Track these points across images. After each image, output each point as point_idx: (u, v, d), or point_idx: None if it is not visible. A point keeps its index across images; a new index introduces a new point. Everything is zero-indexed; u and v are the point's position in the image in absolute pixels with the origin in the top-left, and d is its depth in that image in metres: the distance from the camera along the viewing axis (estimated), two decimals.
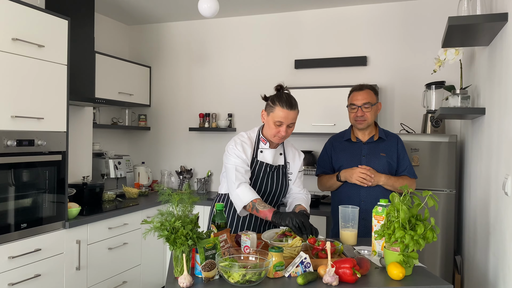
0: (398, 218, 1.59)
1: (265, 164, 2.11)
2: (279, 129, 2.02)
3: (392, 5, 3.59)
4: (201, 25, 4.25)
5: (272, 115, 2.02)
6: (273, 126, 2.03)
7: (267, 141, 2.12)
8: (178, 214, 1.59)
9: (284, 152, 2.21)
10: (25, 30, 2.38)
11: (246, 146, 2.09)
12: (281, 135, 2.03)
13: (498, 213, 1.84)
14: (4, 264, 2.26)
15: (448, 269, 2.96)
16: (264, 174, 2.11)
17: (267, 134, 2.10)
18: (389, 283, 1.53)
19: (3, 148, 2.27)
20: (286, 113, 1.98)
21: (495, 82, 1.94)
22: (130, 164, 4.01)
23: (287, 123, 2.01)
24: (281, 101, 2.00)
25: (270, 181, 2.13)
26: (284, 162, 2.19)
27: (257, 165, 2.11)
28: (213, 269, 1.51)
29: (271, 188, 2.14)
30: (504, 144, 1.74)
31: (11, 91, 2.31)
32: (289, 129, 2.04)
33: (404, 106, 3.56)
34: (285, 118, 1.99)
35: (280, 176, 2.16)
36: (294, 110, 2.01)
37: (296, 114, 2.03)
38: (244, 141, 2.10)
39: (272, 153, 2.13)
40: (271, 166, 2.13)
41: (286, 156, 2.21)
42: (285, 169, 2.19)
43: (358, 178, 2.27)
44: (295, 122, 2.06)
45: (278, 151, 2.18)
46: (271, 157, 2.13)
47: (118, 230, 3.10)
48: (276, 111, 2.00)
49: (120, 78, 3.82)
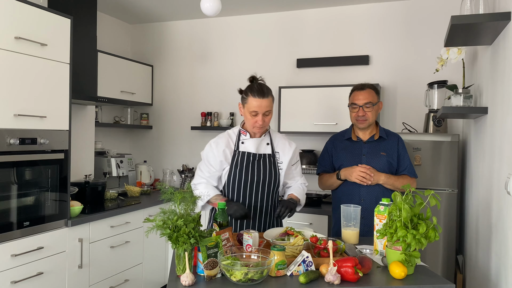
0: (400, 217, 1.59)
1: (248, 154, 2.15)
2: (255, 119, 2.07)
3: (395, 4, 3.59)
4: (203, 24, 4.25)
5: (246, 106, 2.08)
6: (250, 116, 2.08)
7: (247, 132, 2.17)
8: (180, 212, 1.60)
9: (272, 142, 2.22)
10: (28, 28, 2.38)
11: (221, 144, 2.17)
12: (258, 124, 2.07)
13: (500, 212, 1.83)
14: (6, 262, 2.27)
15: (450, 268, 2.96)
16: (248, 163, 2.14)
17: (247, 125, 2.16)
18: (391, 282, 1.53)
19: (6, 147, 2.28)
20: (259, 102, 2.03)
21: (498, 81, 1.94)
22: (132, 163, 4.02)
23: (262, 112, 2.05)
24: (253, 91, 2.05)
25: (256, 169, 2.15)
26: (272, 152, 2.21)
27: (239, 156, 2.15)
28: (215, 268, 1.52)
29: (259, 176, 2.15)
30: (506, 144, 1.73)
31: (14, 89, 2.31)
32: (266, 117, 2.08)
33: (406, 105, 3.55)
34: (259, 107, 2.03)
35: (267, 165, 2.17)
36: (267, 98, 2.05)
37: (269, 102, 2.06)
38: (217, 143, 2.18)
39: (255, 142, 2.16)
40: (255, 155, 2.16)
41: (275, 146, 2.22)
42: (274, 158, 2.20)
43: (357, 176, 2.27)
44: (272, 110, 2.10)
45: (264, 141, 2.20)
46: (254, 146, 2.16)
47: (120, 229, 3.10)
48: (249, 101, 2.06)
49: (122, 77, 3.83)
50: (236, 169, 2.14)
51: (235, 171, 2.15)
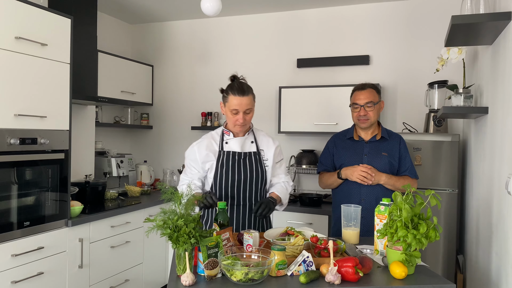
0: (400, 217, 1.59)
1: (233, 153, 2.16)
2: (236, 117, 2.08)
3: (395, 4, 3.59)
4: (203, 24, 4.25)
5: (227, 104, 2.09)
6: (231, 115, 2.09)
7: (230, 132, 2.18)
8: (180, 212, 1.60)
9: (256, 140, 2.23)
10: (28, 28, 2.38)
11: (202, 146, 2.18)
12: (239, 122, 2.08)
13: (500, 212, 1.83)
14: (7, 262, 2.27)
15: (450, 268, 2.95)
16: (234, 162, 2.15)
17: (228, 124, 2.18)
18: (392, 282, 1.53)
19: (6, 147, 2.28)
20: (239, 100, 2.04)
21: (498, 81, 1.94)
22: (132, 163, 4.02)
23: (242, 110, 2.06)
24: (233, 89, 2.07)
25: (242, 168, 2.15)
26: (257, 149, 2.22)
27: (224, 156, 2.16)
28: (216, 268, 1.52)
29: (245, 175, 2.15)
30: (507, 144, 1.73)
31: (14, 89, 2.31)
32: (247, 115, 2.09)
33: (406, 105, 3.55)
34: (239, 105, 2.05)
35: (253, 163, 2.18)
36: (247, 96, 2.06)
37: (250, 100, 2.07)
38: (199, 145, 2.19)
39: (239, 141, 2.17)
40: (240, 154, 2.16)
41: (259, 144, 2.23)
42: (259, 156, 2.21)
43: (358, 176, 2.27)
44: (253, 109, 2.12)
45: (248, 139, 2.21)
46: (239, 145, 2.17)
47: (121, 229, 3.10)
48: (229, 100, 2.07)
49: (123, 77, 3.83)
50: (222, 169, 2.14)
51: (221, 171, 2.14)
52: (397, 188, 2.27)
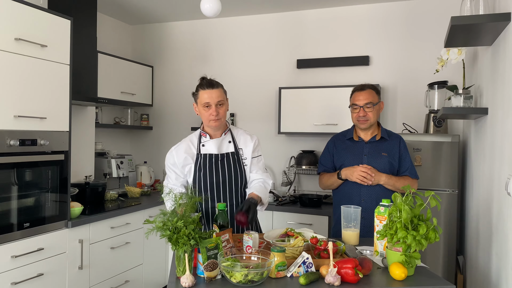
0: (400, 218, 1.59)
1: (209, 155, 2.15)
2: (209, 112, 2.07)
3: (395, 5, 3.59)
4: (203, 25, 4.25)
5: (199, 101, 2.10)
6: (204, 111, 2.09)
7: (206, 133, 2.18)
8: (180, 214, 1.59)
9: (234, 139, 2.22)
10: (28, 30, 2.38)
11: (180, 149, 2.18)
12: (213, 116, 2.07)
13: (500, 213, 1.83)
14: (7, 263, 2.27)
15: (450, 269, 2.95)
16: (211, 164, 2.14)
17: (205, 123, 2.16)
18: (391, 283, 1.53)
19: (6, 148, 2.28)
20: (209, 93, 2.06)
21: (498, 82, 1.94)
22: (132, 164, 4.02)
23: (214, 103, 2.06)
24: (202, 85, 2.10)
25: (221, 170, 2.14)
26: (235, 149, 2.20)
27: (201, 159, 2.15)
28: (215, 269, 1.52)
29: (224, 176, 2.14)
30: (507, 144, 1.73)
31: (14, 91, 2.32)
32: (220, 108, 2.08)
33: (406, 106, 3.55)
34: (210, 97, 2.05)
35: (231, 163, 2.16)
36: (216, 88, 2.08)
37: (220, 92, 2.08)
38: (177, 149, 2.19)
39: (216, 143, 2.16)
40: (217, 156, 2.15)
41: (237, 143, 2.22)
42: (237, 155, 2.19)
43: (358, 176, 2.27)
44: (225, 103, 2.12)
45: (225, 140, 2.19)
46: (215, 147, 2.16)
47: (121, 230, 3.10)
48: (200, 95, 2.09)
49: (123, 78, 3.83)
50: (200, 173, 2.14)
51: (199, 174, 2.14)
52: (397, 189, 2.27)
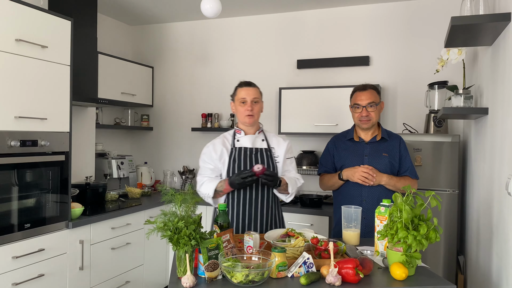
0: (401, 219, 1.59)
1: (244, 148, 2.28)
2: (245, 107, 2.24)
3: (395, 5, 3.59)
4: (203, 26, 4.25)
5: (236, 98, 2.29)
6: (240, 107, 2.26)
7: (241, 130, 2.31)
8: (181, 214, 1.60)
9: (267, 139, 2.34)
10: (28, 31, 2.38)
11: (217, 143, 2.31)
12: (248, 111, 2.23)
13: (501, 213, 1.83)
14: (8, 264, 2.27)
15: (451, 269, 2.95)
16: (246, 156, 2.26)
17: (240, 119, 2.31)
18: (392, 283, 1.53)
19: (6, 149, 2.28)
20: (246, 90, 2.25)
21: (498, 82, 1.94)
22: (132, 164, 4.02)
23: (250, 99, 2.23)
24: (240, 84, 2.31)
25: (254, 162, 2.24)
26: (268, 147, 2.32)
27: (236, 152, 2.27)
28: (216, 269, 1.52)
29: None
30: (507, 144, 1.73)
31: (15, 91, 2.32)
32: (255, 105, 2.25)
33: (406, 106, 3.55)
34: (247, 94, 2.24)
35: (264, 158, 2.28)
36: (253, 87, 2.28)
37: (256, 91, 2.27)
38: (214, 143, 2.33)
39: (250, 138, 2.29)
40: (251, 149, 2.28)
41: (269, 142, 2.34)
42: (270, 152, 2.30)
43: (360, 177, 2.28)
44: (260, 101, 2.28)
45: (259, 138, 2.33)
46: (250, 141, 2.29)
47: (121, 230, 3.11)
48: (237, 92, 2.28)
49: (123, 79, 3.83)
50: (234, 164, 2.24)
51: (233, 166, 2.23)
52: (398, 189, 2.27)
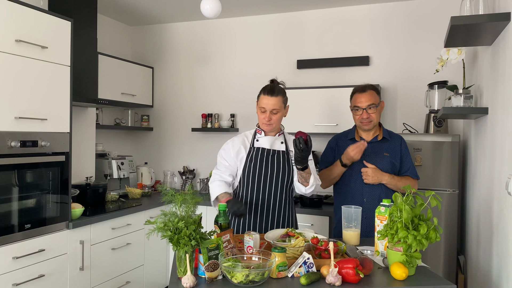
0: (401, 218, 1.59)
1: (262, 149, 2.27)
2: (263, 116, 2.20)
3: (395, 5, 3.59)
4: (203, 26, 4.26)
5: (258, 103, 2.25)
6: (260, 114, 2.23)
7: (261, 130, 2.30)
8: (181, 214, 1.60)
9: (286, 142, 2.33)
10: (29, 31, 2.39)
11: (236, 141, 2.31)
12: (265, 121, 2.20)
13: (501, 213, 1.83)
14: (8, 264, 2.27)
15: (451, 269, 2.95)
16: (262, 157, 2.25)
17: (259, 122, 2.29)
18: (392, 283, 1.53)
19: (7, 149, 2.28)
20: (267, 100, 2.18)
21: (498, 81, 1.94)
22: (133, 165, 4.02)
23: (269, 109, 2.18)
24: (265, 89, 2.22)
25: (270, 164, 2.24)
26: (287, 149, 2.30)
27: (254, 151, 2.27)
28: (216, 270, 1.52)
29: (272, 170, 2.23)
30: (507, 144, 1.73)
31: (15, 92, 2.32)
32: (273, 115, 2.20)
33: (406, 106, 3.55)
34: (266, 104, 2.18)
35: (281, 160, 2.26)
36: (275, 97, 2.18)
37: (277, 101, 2.18)
38: (233, 140, 2.33)
39: (269, 140, 2.28)
40: (269, 150, 2.27)
41: (289, 145, 2.32)
42: (287, 155, 2.29)
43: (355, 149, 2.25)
44: (281, 110, 2.21)
45: (279, 140, 2.31)
46: (269, 143, 2.28)
47: (121, 231, 3.11)
48: (260, 99, 2.23)
49: (123, 79, 3.83)
50: (251, 164, 2.24)
51: (249, 165, 2.24)
52: (399, 189, 2.27)
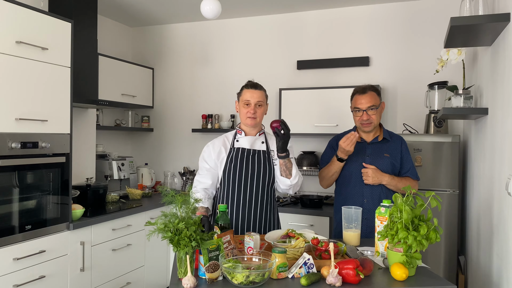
0: (401, 219, 1.59)
1: (242, 149, 2.27)
2: (248, 109, 2.22)
3: (395, 6, 3.59)
4: (203, 27, 4.26)
5: (240, 98, 2.28)
6: (243, 108, 2.24)
7: (242, 131, 2.31)
8: (181, 215, 1.60)
9: (267, 141, 2.33)
10: (29, 33, 2.39)
11: (217, 142, 2.32)
12: (250, 114, 2.22)
13: (501, 213, 1.83)
14: (9, 265, 2.27)
15: (451, 269, 2.95)
16: (243, 157, 2.25)
17: (242, 120, 2.29)
18: (392, 284, 1.53)
19: (7, 151, 2.28)
20: (251, 92, 2.23)
21: (498, 82, 1.94)
22: (133, 166, 4.02)
23: (254, 102, 2.21)
24: (246, 85, 2.29)
25: (251, 164, 2.24)
26: (267, 149, 2.30)
27: (234, 152, 2.27)
28: (217, 270, 1.52)
29: (253, 170, 2.23)
30: (507, 144, 1.74)
31: (15, 93, 2.32)
32: (258, 109, 2.23)
33: (406, 106, 3.55)
34: (251, 96, 2.22)
35: (261, 160, 2.27)
36: (259, 90, 2.24)
37: (261, 94, 2.24)
38: (214, 142, 2.34)
39: (250, 140, 2.29)
40: (249, 151, 2.27)
41: (270, 145, 2.33)
42: (268, 155, 2.29)
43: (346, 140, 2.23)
44: (264, 105, 2.26)
45: (259, 140, 2.31)
46: (249, 143, 2.29)
47: (122, 232, 3.11)
48: (243, 93, 2.27)
49: (123, 80, 3.83)
50: (231, 165, 2.24)
51: (229, 166, 2.24)
52: (399, 189, 2.27)
